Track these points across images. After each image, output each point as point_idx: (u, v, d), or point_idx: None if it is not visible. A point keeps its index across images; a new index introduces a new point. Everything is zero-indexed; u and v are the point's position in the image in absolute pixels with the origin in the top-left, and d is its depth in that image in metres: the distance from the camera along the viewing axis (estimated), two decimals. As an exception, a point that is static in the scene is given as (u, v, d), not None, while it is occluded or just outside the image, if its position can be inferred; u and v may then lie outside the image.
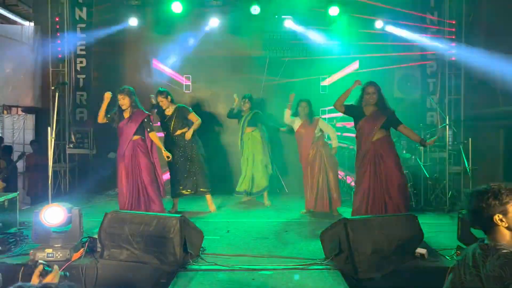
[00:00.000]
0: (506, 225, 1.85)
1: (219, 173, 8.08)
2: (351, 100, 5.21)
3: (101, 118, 5.63)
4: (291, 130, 6.57)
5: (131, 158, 5.56)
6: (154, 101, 6.40)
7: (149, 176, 5.60)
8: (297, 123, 6.37)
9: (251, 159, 6.78)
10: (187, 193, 6.31)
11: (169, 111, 6.28)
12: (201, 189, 6.33)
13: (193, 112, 6.31)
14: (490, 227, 1.89)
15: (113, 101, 5.65)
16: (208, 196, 6.44)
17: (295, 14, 8.27)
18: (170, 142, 6.26)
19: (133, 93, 5.61)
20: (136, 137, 5.60)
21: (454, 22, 7.90)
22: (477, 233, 4.24)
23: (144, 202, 5.59)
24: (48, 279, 1.99)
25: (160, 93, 6.20)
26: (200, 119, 6.29)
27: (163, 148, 5.87)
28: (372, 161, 4.96)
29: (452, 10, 7.97)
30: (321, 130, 6.29)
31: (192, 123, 6.25)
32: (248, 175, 6.80)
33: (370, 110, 5.05)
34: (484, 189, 1.89)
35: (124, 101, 5.52)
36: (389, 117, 5.00)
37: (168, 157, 5.88)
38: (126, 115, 5.61)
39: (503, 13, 7.29)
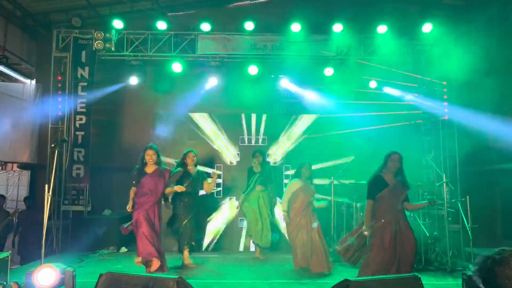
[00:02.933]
0: None
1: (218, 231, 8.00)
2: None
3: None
4: None
5: (149, 210, 5.55)
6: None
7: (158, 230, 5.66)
8: (296, 185, 6.38)
9: (261, 217, 7.10)
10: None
11: (193, 170, 6.48)
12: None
13: (207, 181, 6.51)
14: None
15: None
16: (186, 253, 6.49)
17: (291, 74, 8.55)
18: (188, 201, 6.38)
19: (158, 151, 5.80)
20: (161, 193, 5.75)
21: (445, 83, 8.17)
22: (483, 295, 4.13)
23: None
24: None
25: (192, 151, 6.52)
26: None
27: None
28: (393, 230, 4.89)
29: (443, 71, 8.26)
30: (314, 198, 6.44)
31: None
32: (259, 228, 7.08)
33: (391, 179, 5.02)
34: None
35: (153, 157, 5.66)
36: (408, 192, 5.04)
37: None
38: (149, 170, 5.67)
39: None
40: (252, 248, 7.61)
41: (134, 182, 5.72)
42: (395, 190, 4.96)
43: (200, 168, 6.85)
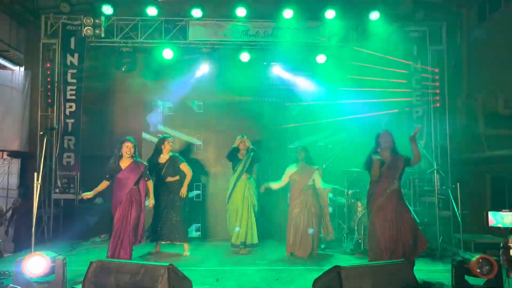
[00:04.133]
0: None
1: (206, 219, 7.99)
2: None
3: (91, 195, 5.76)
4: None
5: (128, 205, 5.62)
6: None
7: (134, 224, 5.64)
8: (292, 170, 6.51)
9: (246, 209, 6.67)
10: (163, 242, 6.51)
11: (163, 158, 6.47)
12: (178, 241, 6.44)
13: (186, 163, 6.48)
14: None
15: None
16: (185, 244, 6.49)
17: (283, 61, 8.49)
18: (159, 188, 6.39)
19: (136, 145, 5.80)
20: (134, 186, 5.69)
21: (437, 70, 8.17)
22: (472, 280, 4.19)
23: (114, 247, 5.55)
24: None
25: (166, 138, 6.50)
26: (191, 171, 6.45)
27: (152, 197, 5.92)
28: (385, 210, 4.92)
29: (435, 58, 8.26)
30: (313, 180, 6.46)
31: (184, 173, 6.43)
32: (244, 225, 6.65)
33: (387, 157, 5.06)
34: None
35: (131, 150, 5.65)
36: (405, 162, 5.04)
37: (152, 205, 5.95)
38: (125, 164, 5.66)
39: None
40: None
41: (107, 176, 5.70)
42: (389, 168, 5.01)
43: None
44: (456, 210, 6.55)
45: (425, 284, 4.71)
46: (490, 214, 4.50)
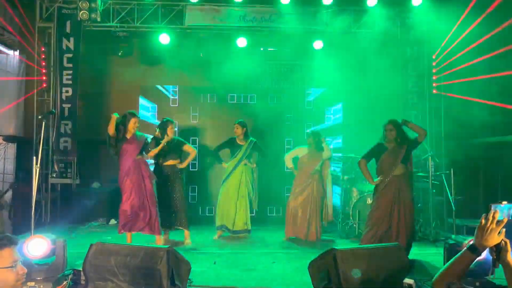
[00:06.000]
0: None
1: (204, 205, 8.05)
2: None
3: (113, 130, 5.66)
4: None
5: (137, 174, 5.68)
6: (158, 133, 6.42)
7: (153, 194, 5.72)
8: (303, 152, 6.58)
9: (242, 194, 6.65)
10: (163, 229, 6.35)
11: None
12: (178, 227, 6.33)
13: (188, 144, 6.53)
14: None
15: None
16: (186, 232, 6.36)
17: (280, 46, 8.49)
18: (159, 172, 6.32)
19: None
20: (139, 156, 5.79)
21: (434, 57, 8.20)
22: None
23: (144, 219, 5.64)
24: None
25: (171, 122, 6.36)
26: (195, 150, 6.58)
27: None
28: (391, 194, 5.04)
29: (432, 45, 8.28)
30: (321, 165, 6.53)
31: (187, 153, 6.44)
32: (232, 210, 6.61)
33: (392, 145, 5.19)
34: None
35: (136, 125, 5.77)
36: (408, 146, 5.14)
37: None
38: (129, 135, 5.76)
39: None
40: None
41: (113, 151, 5.73)
42: (392, 154, 5.15)
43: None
44: (449, 195, 6.66)
45: (418, 266, 4.82)
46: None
